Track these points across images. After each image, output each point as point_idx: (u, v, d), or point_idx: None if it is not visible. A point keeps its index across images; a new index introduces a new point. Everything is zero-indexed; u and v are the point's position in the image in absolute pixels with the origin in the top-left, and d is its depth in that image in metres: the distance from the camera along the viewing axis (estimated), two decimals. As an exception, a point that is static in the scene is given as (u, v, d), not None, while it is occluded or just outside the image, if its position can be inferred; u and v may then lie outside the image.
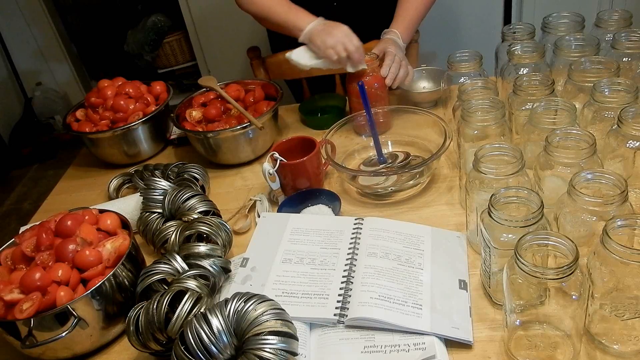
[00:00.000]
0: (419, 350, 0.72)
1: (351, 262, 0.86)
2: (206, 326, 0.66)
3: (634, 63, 1.01)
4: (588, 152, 0.77)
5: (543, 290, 0.65)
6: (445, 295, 0.79)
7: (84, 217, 0.90)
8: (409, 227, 0.92)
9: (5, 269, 0.86)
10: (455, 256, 0.86)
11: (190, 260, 0.85)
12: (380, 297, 0.78)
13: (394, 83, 1.23)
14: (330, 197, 1.03)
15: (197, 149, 1.26)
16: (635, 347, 0.68)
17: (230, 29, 2.65)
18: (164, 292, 0.76)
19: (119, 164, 1.32)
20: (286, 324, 0.68)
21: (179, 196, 0.97)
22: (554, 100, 0.91)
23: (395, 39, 1.30)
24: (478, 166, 0.79)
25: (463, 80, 1.09)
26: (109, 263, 0.84)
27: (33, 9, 3.06)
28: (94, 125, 1.29)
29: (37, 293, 0.78)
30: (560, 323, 0.68)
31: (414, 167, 1.04)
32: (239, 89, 1.32)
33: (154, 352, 0.77)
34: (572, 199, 0.71)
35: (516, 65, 1.07)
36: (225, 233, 0.91)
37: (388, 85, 1.23)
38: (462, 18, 2.44)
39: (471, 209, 0.85)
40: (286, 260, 0.89)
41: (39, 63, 3.24)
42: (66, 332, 0.77)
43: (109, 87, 1.33)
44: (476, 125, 0.92)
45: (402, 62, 1.25)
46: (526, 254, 0.64)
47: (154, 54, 3.08)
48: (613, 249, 0.61)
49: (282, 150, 1.06)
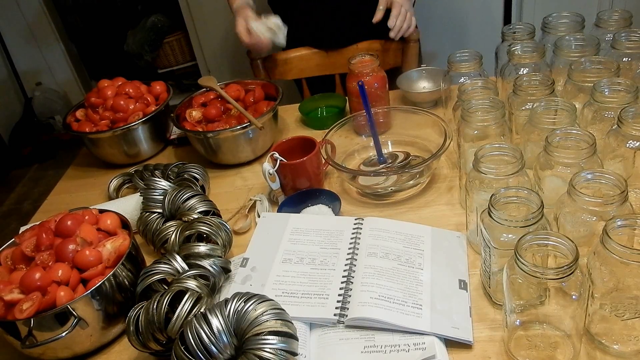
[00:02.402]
0: (419, 350, 0.72)
1: (351, 262, 0.86)
2: (206, 326, 0.66)
3: (634, 63, 1.01)
4: (588, 152, 0.77)
5: (543, 290, 0.65)
6: (445, 295, 0.79)
7: (84, 217, 0.90)
8: (409, 227, 0.92)
9: (5, 269, 0.86)
10: (455, 256, 0.86)
11: (190, 260, 0.85)
12: (380, 297, 0.78)
13: (397, 35, 1.34)
14: (330, 197, 1.03)
15: (197, 149, 1.25)
16: (635, 347, 0.68)
17: (230, 29, 2.63)
18: (164, 292, 0.76)
19: (119, 164, 1.32)
20: (286, 324, 0.68)
21: (179, 196, 0.97)
22: (554, 100, 0.91)
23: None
24: (478, 166, 0.79)
25: (463, 80, 1.09)
26: (109, 263, 0.84)
27: (33, 9, 3.06)
28: (94, 125, 1.29)
29: (37, 293, 0.78)
30: (560, 323, 0.68)
31: (414, 167, 1.04)
32: (239, 89, 1.32)
33: (154, 352, 0.77)
34: (572, 199, 0.71)
35: (516, 65, 1.07)
36: (225, 233, 0.91)
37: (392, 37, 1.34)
38: (462, 18, 2.44)
39: (471, 209, 0.85)
40: (286, 260, 0.89)
41: (39, 63, 3.24)
42: (66, 332, 0.77)
43: (109, 87, 1.33)
44: (476, 125, 0.92)
45: (408, 14, 1.32)
46: (526, 254, 0.64)
47: (154, 54, 3.08)
48: (613, 249, 0.61)
49: (282, 150, 1.06)
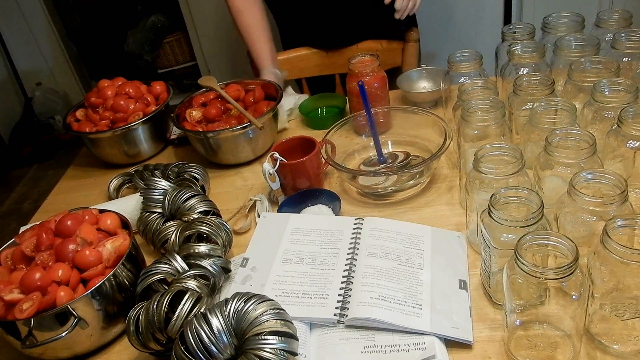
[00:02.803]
0: (419, 350, 0.72)
1: (351, 262, 0.86)
2: (206, 326, 0.66)
3: (634, 63, 1.01)
4: (588, 152, 0.77)
5: (543, 290, 0.65)
6: (445, 295, 0.79)
7: (84, 217, 0.90)
8: (409, 227, 0.92)
9: (5, 269, 0.86)
10: (455, 256, 0.86)
11: (190, 260, 0.85)
12: (380, 297, 0.78)
13: (403, 15, 1.36)
14: (330, 197, 1.03)
15: (197, 149, 1.25)
16: (635, 347, 0.68)
17: (230, 29, 2.65)
18: (164, 292, 0.76)
19: (119, 164, 1.32)
20: (286, 324, 0.68)
21: (179, 196, 0.97)
22: (554, 100, 0.91)
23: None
24: (478, 166, 0.79)
25: (463, 80, 1.09)
26: (109, 263, 0.84)
27: (33, 9, 3.06)
28: (94, 125, 1.29)
29: (37, 293, 0.78)
30: (560, 323, 0.68)
31: (414, 167, 1.04)
32: (239, 89, 1.31)
33: (154, 352, 0.77)
34: (572, 199, 0.71)
35: (516, 65, 1.07)
36: (225, 233, 0.91)
37: (396, 18, 1.35)
38: (462, 18, 2.44)
39: (471, 209, 0.85)
40: (286, 260, 0.89)
41: (39, 63, 3.24)
42: (66, 332, 0.77)
43: (109, 87, 1.33)
44: (476, 125, 0.92)
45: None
46: (526, 254, 0.64)
47: (154, 54, 3.09)
48: (613, 249, 0.61)
49: (282, 150, 1.06)
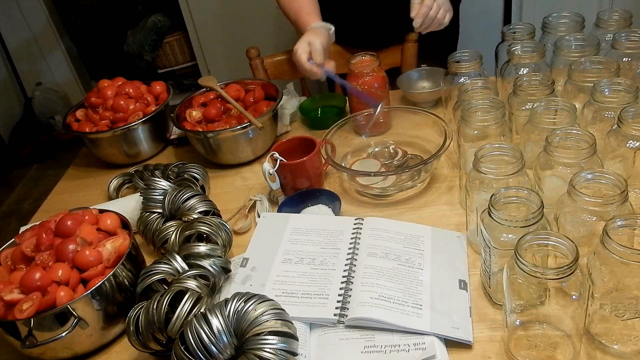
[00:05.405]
0: (419, 350, 0.72)
1: (351, 262, 0.86)
2: (206, 326, 0.66)
3: (634, 63, 1.01)
4: (588, 152, 0.77)
5: (543, 290, 0.65)
6: (445, 295, 0.79)
7: (84, 217, 0.90)
8: (409, 227, 0.92)
9: (5, 269, 0.86)
10: (455, 256, 0.86)
11: (190, 260, 0.84)
12: (380, 297, 0.78)
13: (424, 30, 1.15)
14: (330, 197, 1.03)
15: (197, 149, 1.25)
16: (635, 347, 0.68)
17: (230, 29, 2.65)
18: (164, 292, 0.76)
19: (119, 164, 1.32)
20: (286, 324, 0.68)
21: (179, 196, 0.97)
22: (554, 100, 0.91)
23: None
24: (478, 166, 0.79)
25: (463, 80, 1.09)
26: (109, 263, 0.84)
27: (33, 9, 3.06)
28: (94, 125, 1.29)
29: (37, 293, 0.78)
30: (560, 323, 0.68)
31: (414, 167, 1.04)
32: (239, 89, 1.32)
33: (154, 352, 0.77)
34: (572, 199, 0.71)
35: (516, 65, 1.07)
36: (225, 233, 0.91)
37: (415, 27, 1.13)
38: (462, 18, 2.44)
39: (471, 209, 0.85)
40: (286, 260, 0.89)
41: (39, 63, 3.24)
42: (66, 332, 0.77)
43: (109, 87, 1.33)
44: (476, 125, 0.92)
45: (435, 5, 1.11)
46: (526, 254, 0.64)
47: (154, 54, 3.08)
48: (613, 249, 0.61)
49: (282, 150, 1.06)
